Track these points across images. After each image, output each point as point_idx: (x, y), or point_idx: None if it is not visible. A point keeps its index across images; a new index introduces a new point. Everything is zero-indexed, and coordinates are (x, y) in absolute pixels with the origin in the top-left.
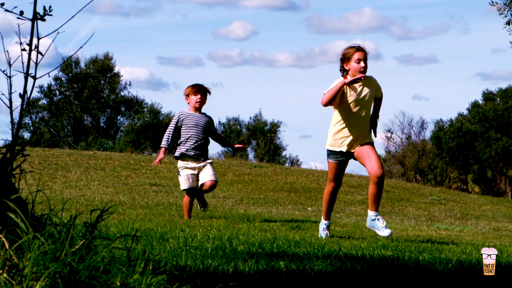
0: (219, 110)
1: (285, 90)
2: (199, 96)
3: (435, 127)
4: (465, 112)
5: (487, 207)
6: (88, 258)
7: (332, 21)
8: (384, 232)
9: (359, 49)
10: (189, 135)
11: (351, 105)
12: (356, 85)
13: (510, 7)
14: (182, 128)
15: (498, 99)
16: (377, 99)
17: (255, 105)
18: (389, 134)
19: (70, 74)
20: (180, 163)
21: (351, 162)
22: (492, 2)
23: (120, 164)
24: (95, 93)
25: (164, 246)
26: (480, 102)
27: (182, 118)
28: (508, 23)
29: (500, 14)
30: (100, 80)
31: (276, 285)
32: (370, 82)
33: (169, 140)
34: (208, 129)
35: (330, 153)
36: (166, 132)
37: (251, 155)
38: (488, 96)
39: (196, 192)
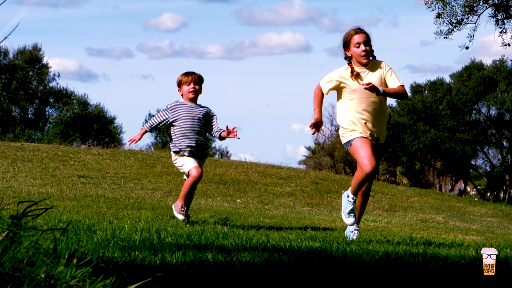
0: (149, 101)
1: (215, 81)
2: (192, 85)
3: None
4: (394, 104)
5: (415, 199)
6: (11, 250)
7: (263, 13)
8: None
9: (357, 31)
10: (185, 130)
11: (355, 96)
12: (359, 73)
13: (438, 0)
14: (175, 121)
15: (426, 91)
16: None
17: None
18: None
19: None
20: (174, 156)
21: (281, 152)
22: None
23: (48, 155)
24: (24, 84)
25: (91, 238)
26: (409, 94)
27: (175, 108)
28: (438, 16)
29: (428, 7)
30: (29, 71)
31: (203, 277)
32: (376, 67)
33: (153, 126)
34: (206, 123)
35: (350, 139)
36: (153, 118)
37: None
38: (416, 89)
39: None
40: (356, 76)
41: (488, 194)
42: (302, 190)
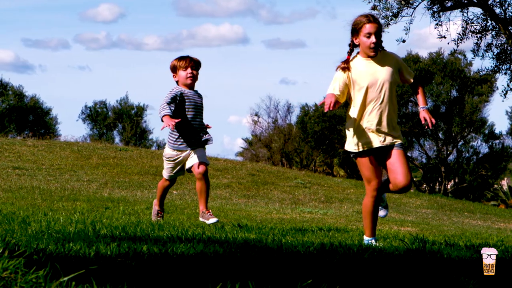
0: (86, 93)
1: (152, 73)
2: (189, 71)
3: (300, 111)
4: None
5: (351, 191)
6: None
7: (201, 5)
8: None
9: (370, 19)
10: (190, 120)
11: (363, 90)
12: (365, 65)
13: None
14: (180, 110)
15: None
16: (413, 85)
17: (122, 89)
18: (255, 118)
19: None
20: (170, 152)
21: (219, 144)
22: None
23: None
24: None
25: (25, 230)
26: None
27: (180, 94)
28: (373, 8)
29: (364, 0)
30: None
31: (138, 268)
32: (385, 59)
33: (170, 109)
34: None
35: (356, 154)
36: (163, 104)
37: (117, 139)
38: None
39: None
40: (343, 69)
41: (424, 185)
42: (238, 182)
